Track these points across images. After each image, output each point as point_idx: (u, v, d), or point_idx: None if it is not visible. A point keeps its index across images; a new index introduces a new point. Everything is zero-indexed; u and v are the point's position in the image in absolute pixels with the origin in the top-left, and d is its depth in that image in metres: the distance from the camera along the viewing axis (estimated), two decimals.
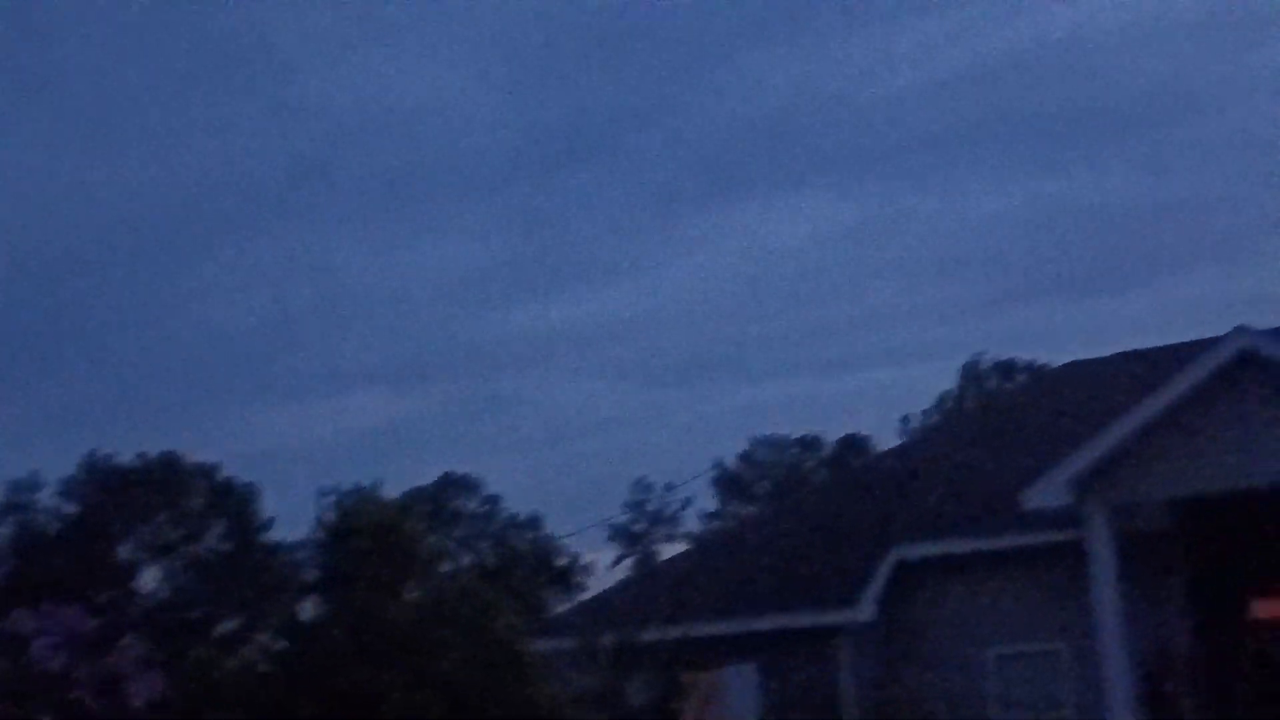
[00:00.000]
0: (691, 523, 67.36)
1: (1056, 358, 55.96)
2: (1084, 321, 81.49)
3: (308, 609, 17.37)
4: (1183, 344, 23.08)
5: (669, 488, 68.41)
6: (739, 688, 20.61)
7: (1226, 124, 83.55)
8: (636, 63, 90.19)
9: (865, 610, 20.02)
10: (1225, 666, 20.53)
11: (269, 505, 55.29)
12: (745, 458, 68.33)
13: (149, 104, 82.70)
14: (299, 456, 77.35)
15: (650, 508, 69.47)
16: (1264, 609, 21.21)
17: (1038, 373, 52.71)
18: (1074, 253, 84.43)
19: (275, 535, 54.37)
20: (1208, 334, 20.66)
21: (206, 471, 54.97)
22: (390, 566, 15.78)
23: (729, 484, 67.52)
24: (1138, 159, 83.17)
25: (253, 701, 15.86)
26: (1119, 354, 26.15)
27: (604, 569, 63.04)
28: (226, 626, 50.86)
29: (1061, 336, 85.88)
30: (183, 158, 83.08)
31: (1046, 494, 19.23)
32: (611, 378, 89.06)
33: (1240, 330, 18.80)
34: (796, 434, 67.95)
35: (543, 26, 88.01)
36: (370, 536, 15.88)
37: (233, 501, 54.86)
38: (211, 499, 54.89)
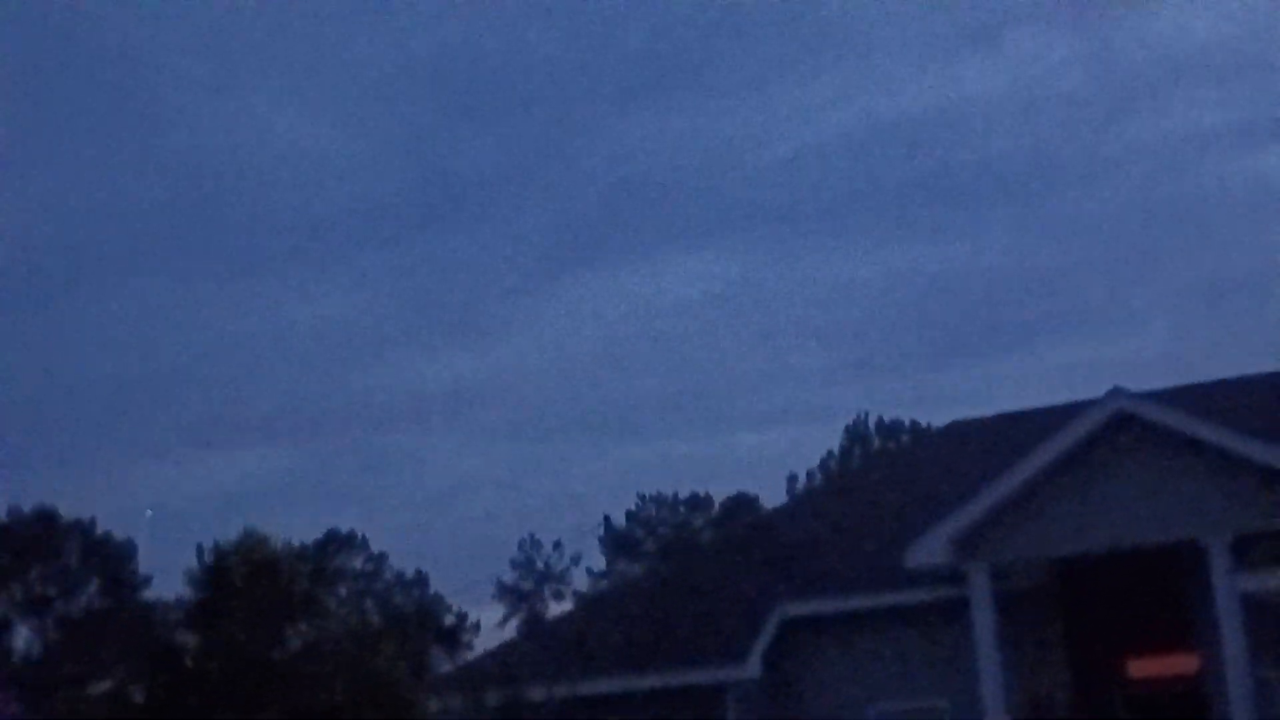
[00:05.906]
0: (579, 580, 67.15)
1: (938, 419, 56.80)
2: (964, 384, 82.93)
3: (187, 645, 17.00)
4: (1061, 405, 23.58)
5: (557, 545, 68.19)
6: None
7: (1093, 194, 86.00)
8: (520, 122, 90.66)
9: (751, 667, 20.10)
10: None
11: (146, 562, 54.35)
12: (633, 516, 68.29)
13: (18, 150, 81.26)
14: (178, 512, 75.83)
15: (538, 566, 69.11)
16: (1139, 668, 21.64)
17: (920, 433, 53.50)
18: (953, 317, 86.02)
19: (152, 593, 53.32)
20: (1083, 397, 21.15)
21: (82, 528, 53.80)
22: (268, 602, 15.53)
23: (617, 542, 67.44)
24: (1011, 226, 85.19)
25: None
26: (999, 415, 26.63)
27: (491, 627, 62.58)
28: (101, 685, 49.58)
29: (943, 399, 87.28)
30: (55, 203, 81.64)
31: (928, 552, 19.52)
32: (499, 436, 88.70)
33: (1116, 392, 19.29)
34: (684, 493, 68.09)
35: (427, 84, 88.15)
36: (247, 572, 15.65)
37: (108, 558, 53.73)
38: (87, 556, 53.70)
